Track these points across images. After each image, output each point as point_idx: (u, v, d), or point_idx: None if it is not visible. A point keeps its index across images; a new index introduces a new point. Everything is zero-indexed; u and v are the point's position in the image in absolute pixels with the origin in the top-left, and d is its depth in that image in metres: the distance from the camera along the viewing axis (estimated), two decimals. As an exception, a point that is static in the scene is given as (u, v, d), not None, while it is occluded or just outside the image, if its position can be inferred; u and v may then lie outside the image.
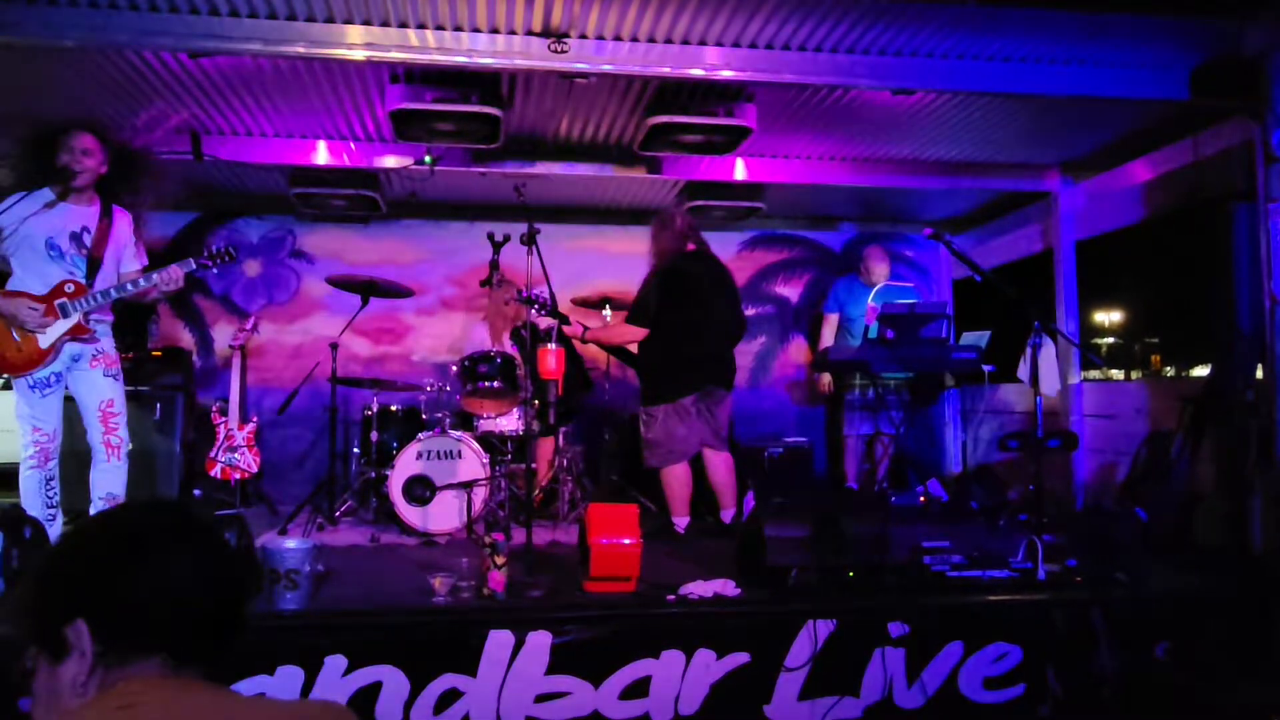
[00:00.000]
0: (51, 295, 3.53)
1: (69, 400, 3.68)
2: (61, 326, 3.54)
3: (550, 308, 4.60)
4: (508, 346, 5.41)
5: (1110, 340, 27.21)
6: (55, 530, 3.53)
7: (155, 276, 3.65)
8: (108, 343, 3.73)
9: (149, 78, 4.25)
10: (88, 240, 3.61)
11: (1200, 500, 4.27)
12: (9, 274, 3.58)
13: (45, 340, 3.52)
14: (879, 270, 5.96)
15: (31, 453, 3.54)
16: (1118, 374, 23.88)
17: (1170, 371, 25.93)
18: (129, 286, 3.65)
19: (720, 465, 4.72)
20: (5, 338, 3.50)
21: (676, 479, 4.57)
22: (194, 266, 3.72)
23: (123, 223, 3.73)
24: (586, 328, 4.78)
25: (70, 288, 3.56)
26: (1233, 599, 3.51)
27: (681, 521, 4.60)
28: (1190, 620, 3.42)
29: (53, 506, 3.58)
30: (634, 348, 4.80)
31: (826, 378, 6.09)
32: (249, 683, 2.74)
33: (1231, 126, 4.51)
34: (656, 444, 4.56)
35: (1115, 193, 5.57)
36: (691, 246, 4.71)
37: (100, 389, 3.66)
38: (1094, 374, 11.40)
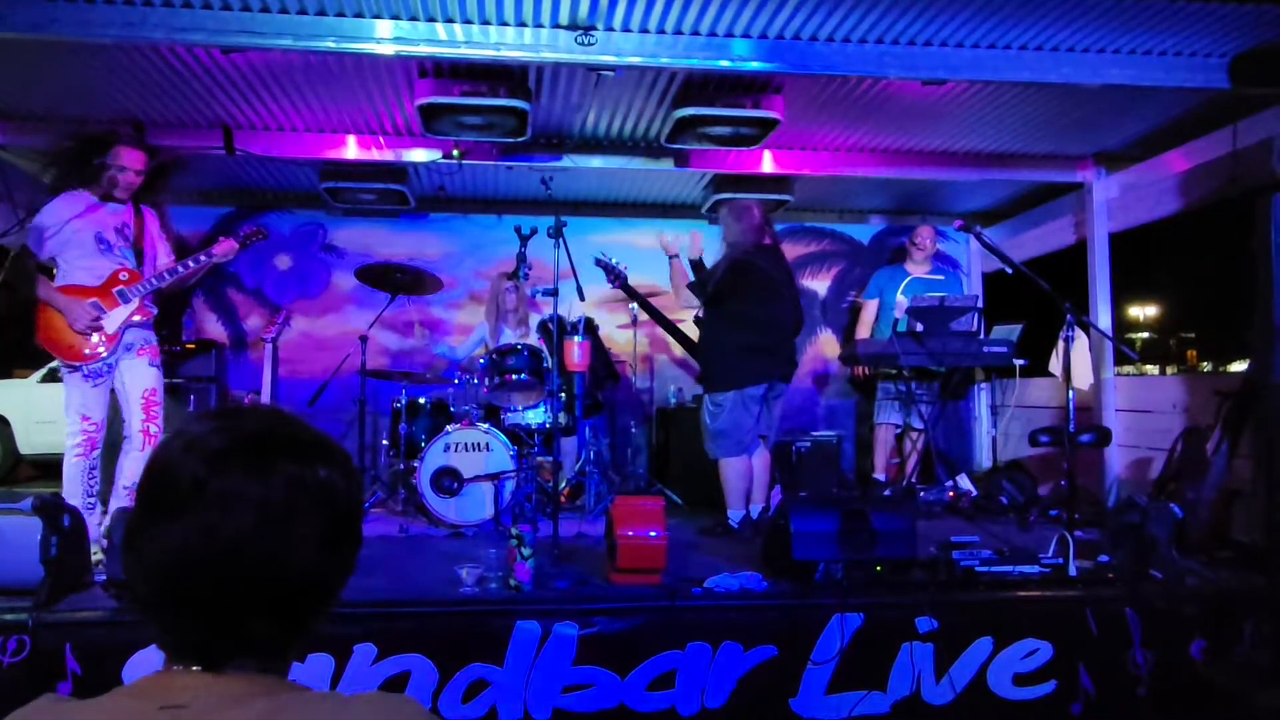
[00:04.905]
0: (108, 285, 3.71)
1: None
2: (123, 312, 3.72)
3: (622, 280, 4.89)
4: (511, 338, 5.45)
5: (1145, 335, 26.79)
6: (93, 520, 3.61)
7: (210, 253, 3.89)
8: (152, 334, 3.92)
9: (183, 74, 4.30)
10: (129, 234, 3.80)
11: (1238, 496, 4.19)
12: (54, 271, 3.73)
13: (111, 326, 3.69)
14: (926, 245, 5.92)
15: (79, 441, 3.66)
16: (1152, 369, 23.50)
17: (1207, 367, 25.49)
18: (179, 269, 3.84)
19: (761, 459, 4.72)
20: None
21: (737, 471, 4.56)
22: (241, 238, 4.05)
23: (151, 220, 3.93)
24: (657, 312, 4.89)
25: (125, 275, 3.75)
26: (1270, 597, 3.44)
27: (738, 515, 4.59)
28: (1226, 618, 3.36)
29: (92, 496, 3.68)
30: (683, 338, 4.84)
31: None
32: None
33: (1272, 115, 4.41)
34: (724, 434, 4.52)
35: (1150, 184, 5.47)
36: (768, 240, 4.74)
37: (145, 378, 3.84)
38: (1128, 370, 11.23)
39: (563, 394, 4.89)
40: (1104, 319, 5.74)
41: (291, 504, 0.85)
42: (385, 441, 5.69)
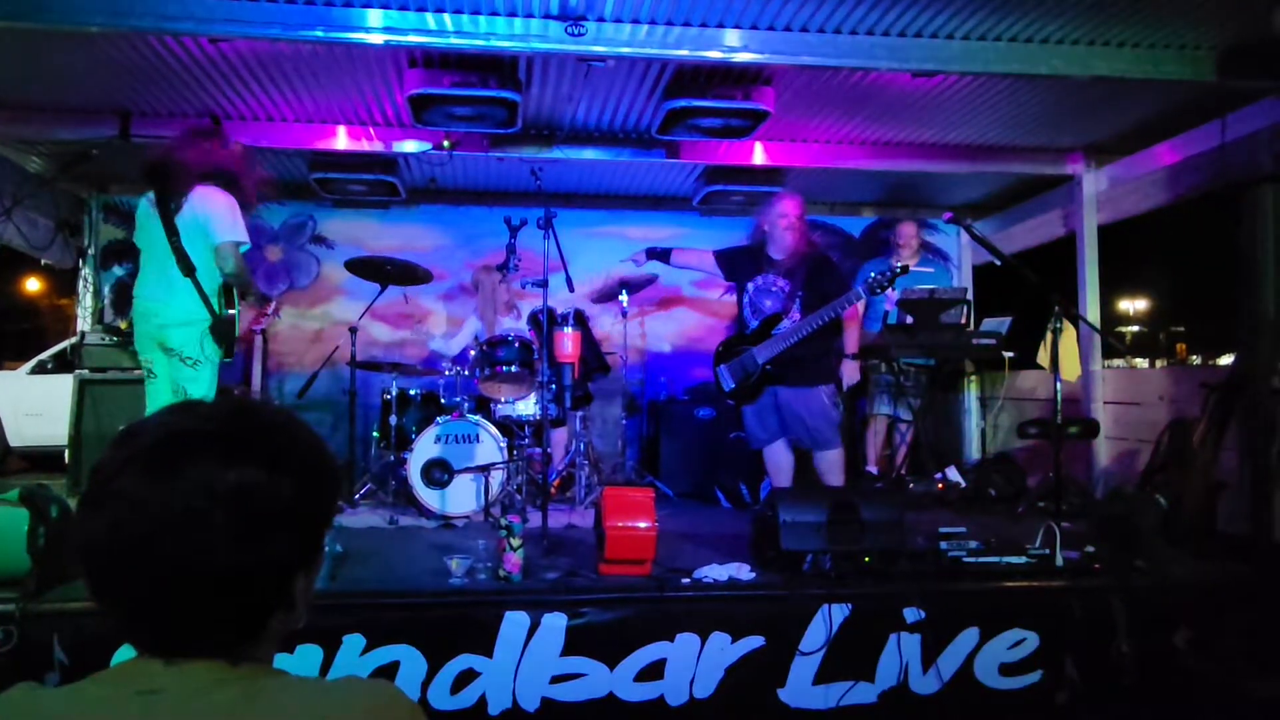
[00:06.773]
0: None
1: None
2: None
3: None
4: (509, 325, 5.45)
5: (1135, 329, 26.92)
6: None
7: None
8: None
9: (170, 63, 4.28)
10: None
11: (1223, 488, 4.22)
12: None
13: (242, 325, 3.93)
14: (910, 241, 5.92)
15: None
16: (1141, 363, 23.61)
17: (1196, 361, 25.61)
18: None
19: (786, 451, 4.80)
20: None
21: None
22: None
23: None
24: None
25: None
26: (1254, 588, 3.47)
27: None
28: (1210, 609, 3.39)
29: None
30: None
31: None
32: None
33: (1260, 107, 4.43)
34: (839, 424, 4.55)
35: (1139, 176, 5.48)
36: None
37: None
38: (1117, 362, 11.28)
39: (553, 385, 4.88)
40: (1092, 312, 5.76)
41: (191, 509, 0.83)
42: (375, 433, 5.68)
